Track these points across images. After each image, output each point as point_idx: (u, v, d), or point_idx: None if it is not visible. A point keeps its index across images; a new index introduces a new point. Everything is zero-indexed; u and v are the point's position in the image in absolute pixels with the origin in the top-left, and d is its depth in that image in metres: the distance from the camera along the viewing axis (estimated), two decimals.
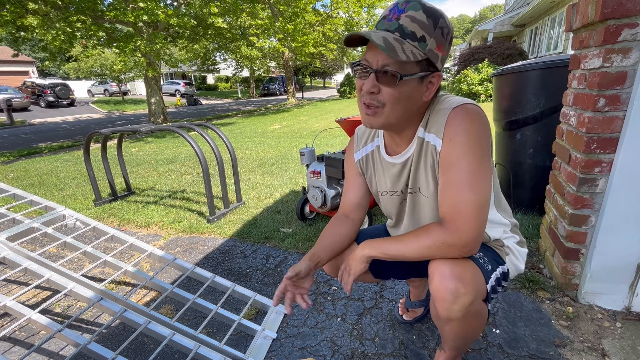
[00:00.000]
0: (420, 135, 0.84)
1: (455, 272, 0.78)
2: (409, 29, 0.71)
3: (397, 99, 0.75)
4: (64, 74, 28.58)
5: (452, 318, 0.81)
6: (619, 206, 1.25)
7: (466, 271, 0.79)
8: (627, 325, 1.28)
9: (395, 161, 0.92)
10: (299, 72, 33.88)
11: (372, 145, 1.00)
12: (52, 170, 4.90)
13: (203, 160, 2.47)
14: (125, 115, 16.45)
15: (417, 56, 0.70)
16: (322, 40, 16.36)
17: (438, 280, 0.80)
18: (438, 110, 0.80)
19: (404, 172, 0.91)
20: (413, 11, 0.71)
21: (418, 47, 0.71)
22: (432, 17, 0.71)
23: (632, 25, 1.09)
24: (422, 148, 0.84)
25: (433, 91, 0.78)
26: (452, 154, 0.76)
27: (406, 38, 0.71)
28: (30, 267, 1.50)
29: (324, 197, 2.21)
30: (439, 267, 0.80)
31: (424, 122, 0.83)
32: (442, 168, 0.78)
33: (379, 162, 0.98)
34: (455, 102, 0.78)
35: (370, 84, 0.74)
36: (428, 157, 0.83)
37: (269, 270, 1.89)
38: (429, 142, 0.82)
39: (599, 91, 1.18)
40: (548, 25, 10.89)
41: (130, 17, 8.10)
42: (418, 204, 0.93)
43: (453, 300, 0.78)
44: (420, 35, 0.70)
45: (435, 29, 0.71)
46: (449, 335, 0.91)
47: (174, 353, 1.34)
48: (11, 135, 10.22)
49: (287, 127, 8.68)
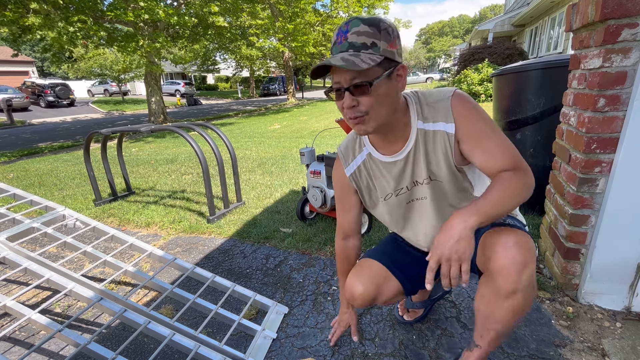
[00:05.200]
0: (421, 127, 0.90)
1: (517, 241, 0.80)
2: (359, 42, 0.77)
3: (377, 102, 0.81)
4: (64, 74, 28.60)
5: (519, 289, 0.79)
6: (619, 206, 1.25)
7: (524, 238, 0.81)
8: (627, 325, 1.28)
9: (396, 159, 0.94)
10: (299, 72, 33.88)
11: (362, 155, 1.02)
12: (52, 170, 4.90)
13: (203, 160, 2.47)
14: (125, 115, 16.45)
15: (375, 60, 0.76)
16: (322, 40, 16.36)
17: (502, 252, 0.80)
18: (433, 102, 0.89)
19: (407, 166, 0.94)
20: (355, 27, 0.78)
21: (373, 52, 0.77)
22: (373, 25, 0.78)
23: (632, 25, 1.09)
24: (425, 138, 0.90)
25: (404, 80, 0.85)
26: (475, 126, 0.85)
27: (360, 50, 0.77)
28: (30, 267, 1.50)
29: (324, 197, 2.21)
30: (500, 238, 0.82)
31: (419, 115, 0.90)
32: (471, 140, 0.85)
33: (375, 167, 1.00)
34: (446, 91, 0.88)
35: (348, 100, 0.81)
36: (437, 143, 0.89)
37: (269, 270, 1.89)
38: (436, 130, 0.88)
39: (599, 91, 1.18)
40: (548, 25, 10.89)
41: (131, 16, 8.10)
42: (439, 189, 0.94)
43: (521, 270, 0.78)
44: (370, 43, 0.77)
45: (380, 32, 0.78)
46: (505, 316, 0.84)
47: (174, 353, 1.34)
48: (11, 135, 10.22)
49: (287, 127, 8.68)
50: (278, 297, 1.65)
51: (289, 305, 1.58)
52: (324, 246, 2.08)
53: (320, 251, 2.04)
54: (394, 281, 1.09)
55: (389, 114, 0.85)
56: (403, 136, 0.92)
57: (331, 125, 7.40)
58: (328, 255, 1.99)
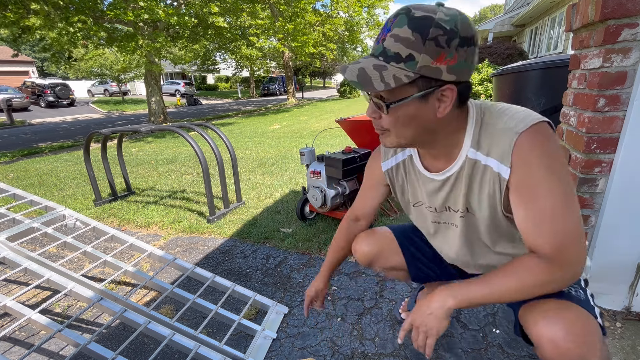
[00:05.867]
0: (471, 156, 0.75)
1: (571, 331, 0.65)
2: (392, 50, 0.63)
3: (398, 123, 0.70)
4: (64, 74, 28.60)
5: None
6: (619, 206, 1.24)
7: (578, 322, 0.67)
8: (627, 325, 1.28)
9: (434, 177, 0.84)
10: (299, 72, 33.87)
11: (403, 154, 0.92)
12: (52, 170, 4.90)
13: (203, 160, 2.47)
14: (125, 115, 16.44)
15: (401, 79, 0.63)
16: (322, 40, 16.36)
17: (549, 345, 0.67)
18: (493, 129, 0.71)
19: (442, 190, 0.83)
20: (397, 28, 0.63)
21: (405, 68, 0.63)
22: (418, 30, 0.61)
23: (632, 25, 1.09)
24: (474, 170, 0.76)
25: (449, 105, 0.68)
26: (532, 177, 0.66)
27: (390, 61, 0.64)
28: (30, 267, 1.50)
29: (324, 197, 2.21)
30: (547, 329, 0.68)
31: (474, 140, 0.74)
32: (522, 196, 0.68)
33: (412, 172, 0.91)
34: (518, 120, 0.68)
35: (370, 110, 0.73)
36: (485, 182, 0.75)
37: (269, 270, 1.89)
38: (487, 166, 0.73)
39: (599, 91, 1.18)
40: (548, 25, 10.89)
41: (131, 16, 8.10)
42: (473, 224, 0.85)
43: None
44: (406, 55, 0.62)
45: (425, 43, 0.61)
46: None
47: (174, 353, 1.34)
48: (11, 135, 10.22)
49: (287, 127, 8.68)
50: (278, 297, 1.65)
51: (289, 305, 1.58)
52: (324, 246, 2.08)
53: (320, 251, 2.04)
54: (399, 256, 1.12)
55: (417, 135, 0.72)
56: (448, 156, 0.78)
57: (331, 125, 7.39)
58: None
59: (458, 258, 0.97)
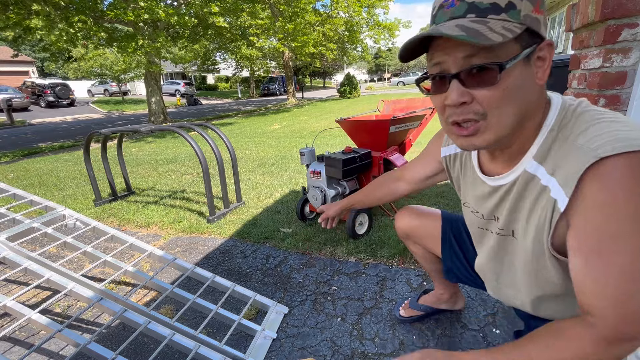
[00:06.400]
0: (530, 171, 0.60)
1: None
2: (486, 1, 0.51)
3: (505, 99, 0.53)
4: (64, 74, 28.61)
5: None
6: None
7: None
8: None
9: (485, 181, 0.71)
10: (299, 72, 33.87)
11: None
12: (52, 170, 4.90)
13: (203, 160, 2.47)
14: (125, 115, 16.45)
15: (513, 31, 0.49)
16: (322, 40, 16.35)
17: None
18: (571, 142, 0.54)
19: (491, 199, 0.71)
20: None
21: (509, 19, 0.50)
22: None
23: (632, 25, 1.09)
24: (528, 186, 0.61)
25: (547, 68, 0.55)
26: (609, 227, 0.49)
27: (487, 14, 0.51)
28: (30, 267, 1.50)
29: (324, 197, 2.21)
30: None
31: (541, 150, 0.59)
32: (587, 242, 0.52)
33: (468, 168, 0.79)
34: (610, 139, 0.49)
35: (455, 94, 0.54)
36: (537, 207, 0.60)
37: (269, 270, 1.89)
38: (546, 187, 0.57)
39: (599, 91, 1.18)
40: (548, 25, 10.89)
41: (131, 16, 8.11)
42: (508, 248, 0.73)
43: None
44: (505, 3, 0.50)
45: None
46: None
47: (174, 353, 1.34)
48: (11, 135, 10.22)
49: (287, 127, 8.68)
50: (278, 297, 1.66)
51: (289, 305, 1.58)
52: (324, 246, 2.08)
53: (320, 251, 2.04)
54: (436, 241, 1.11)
55: (516, 121, 0.56)
56: (509, 161, 0.64)
57: (331, 125, 7.40)
58: (328, 255, 1.99)
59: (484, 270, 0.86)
